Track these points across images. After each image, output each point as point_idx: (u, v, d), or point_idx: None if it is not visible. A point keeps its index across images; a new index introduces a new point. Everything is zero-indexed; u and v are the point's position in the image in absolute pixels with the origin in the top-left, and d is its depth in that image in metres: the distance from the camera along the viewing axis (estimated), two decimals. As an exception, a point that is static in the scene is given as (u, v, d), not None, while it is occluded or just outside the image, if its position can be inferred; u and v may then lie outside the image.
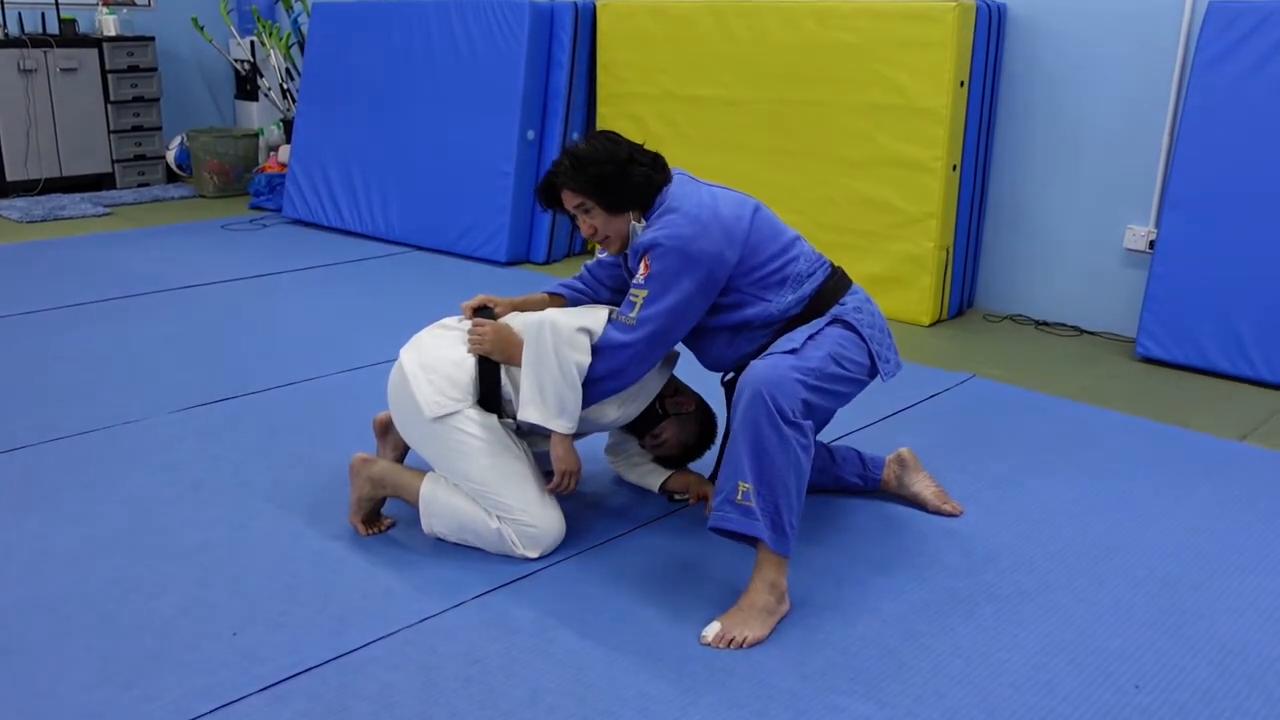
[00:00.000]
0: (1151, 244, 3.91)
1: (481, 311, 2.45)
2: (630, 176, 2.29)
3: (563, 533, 2.36)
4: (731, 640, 2.03)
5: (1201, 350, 3.65)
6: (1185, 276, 3.68)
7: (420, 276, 4.89)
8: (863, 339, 2.28)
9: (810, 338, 2.22)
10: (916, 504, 2.62)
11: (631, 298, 2.26)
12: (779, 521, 2.08)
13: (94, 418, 3.08)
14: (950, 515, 2.58)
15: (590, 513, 2.57)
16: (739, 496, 2.08)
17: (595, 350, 2.27)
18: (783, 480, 2.07)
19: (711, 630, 2.05)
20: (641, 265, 2.25)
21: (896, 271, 4.23)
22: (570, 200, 2.32)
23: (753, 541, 2.11)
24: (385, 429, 2.70)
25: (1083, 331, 4.17)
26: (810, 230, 4.42)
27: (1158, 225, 3.88)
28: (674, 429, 2.54)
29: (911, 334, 4.12)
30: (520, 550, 2.31)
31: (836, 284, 2.36)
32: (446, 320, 2.50)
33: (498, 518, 2.30)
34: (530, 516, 2.30)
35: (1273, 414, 3.32)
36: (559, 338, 2.25)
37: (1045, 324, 4.26)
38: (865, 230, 4.28)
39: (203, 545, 2.37)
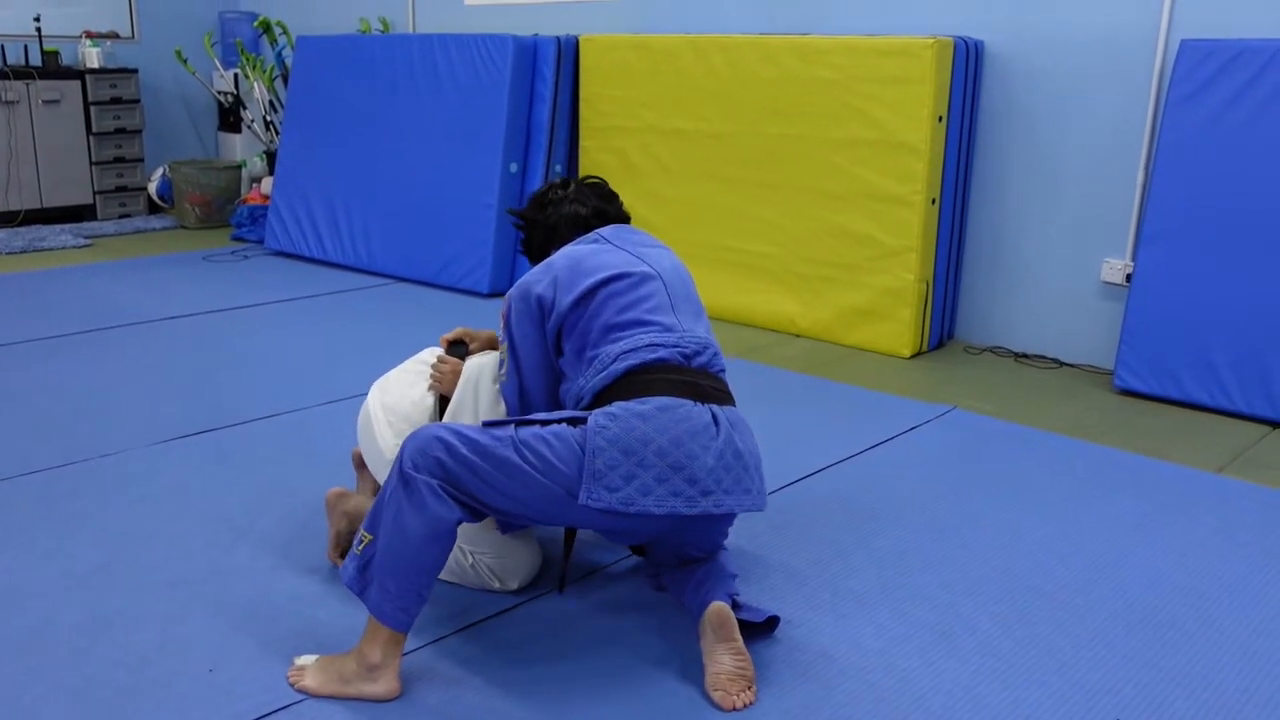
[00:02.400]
0: (1128, 277, 3.95)
1: (455, 345, 2.46)
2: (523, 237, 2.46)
3: (536, 561, 2.34)
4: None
5: (1179, 383, 3.68)
6: (1162, 310, 3.72)
7: (402, 308, 4.89)
8: (582, 449, 1.91)
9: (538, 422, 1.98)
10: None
11: (501, 354, 2.24)
12: (358, 565, 1.94)
13: (71, 451, 3.06)
14: (724, 708, 1.91)
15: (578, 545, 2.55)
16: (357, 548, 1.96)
17: None
18: (386, 529, 1.90)
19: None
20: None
21: (877, 304, 4.26)
22: None
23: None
24: (364, 463, 2.69)
25: (1062, 364, 4.20)
26: (792, 263, 4.47)
27: (1134, 259, 3.92)
28: None
29: (892, 366, 4.14)
30: (498, 584, 2.30)
31: (647, 384, 2.01)
32: (422, 354, 2.50)
33: (471, 554, 2.29)
34: (495, 551, 2.29)
35: (1249, 446, 3.35)
36: (481, 389, 2.28)
37: (1025, 356, 4.29)
38: (845, 263, 4.31)
39: (180, 580, 2.35)
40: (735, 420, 2.07)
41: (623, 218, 2.45)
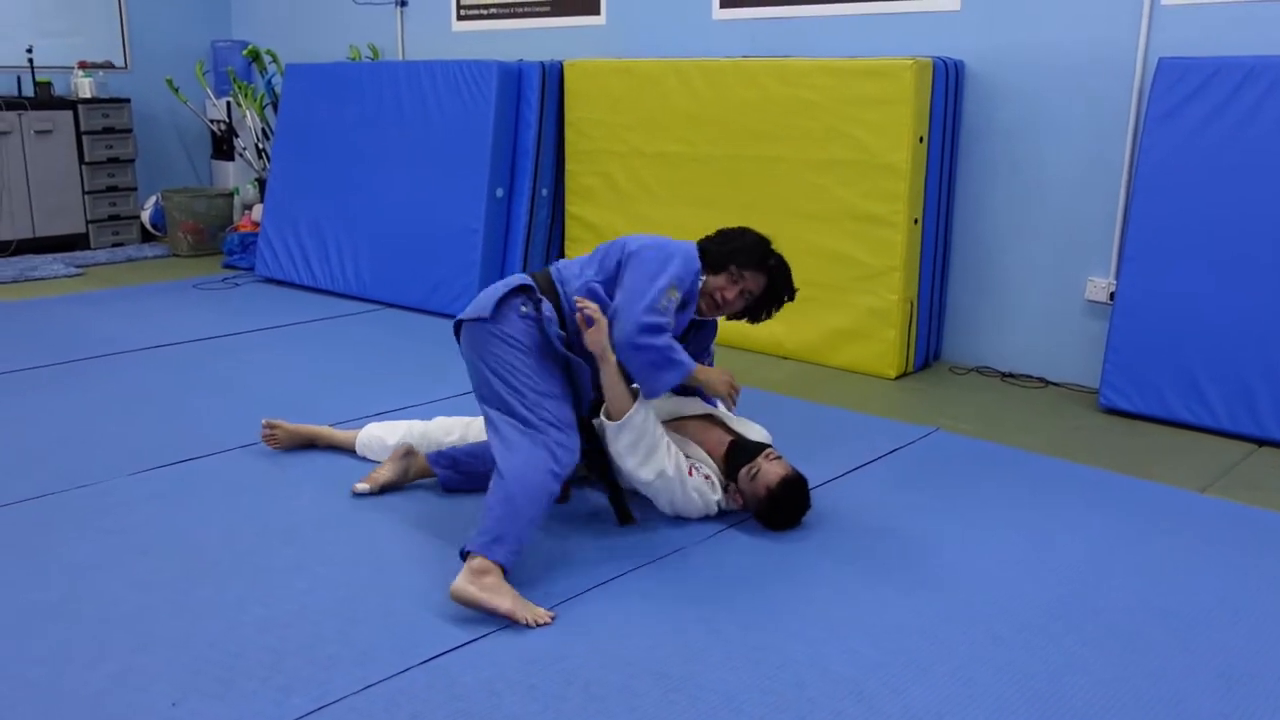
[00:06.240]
0: (1112, 295, 3.93)
1: None
2: None
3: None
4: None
5: (1163, 401, 3.66)
6: (1145, 328, 3.70)
7: (390, 333, 4.88)
8: None
9: None
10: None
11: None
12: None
13: (45, 483, 3.04)
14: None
15: (558, 569, 2.54)
16: None
17: None
18: None
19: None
20: None
21: (861, 325, 4.25)
22: None
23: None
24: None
25: (1048, 383, 4.18)
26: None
27: (1117, 277, 3.91)
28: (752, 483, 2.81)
29: (877, 387, 4.12)
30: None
31: None
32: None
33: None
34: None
35: (1232, 466, 3.32)
36: None
37: (1011, 376, 4.27)
38: (829, 284, 4.30)
39: (145, 611, 2.33)
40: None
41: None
